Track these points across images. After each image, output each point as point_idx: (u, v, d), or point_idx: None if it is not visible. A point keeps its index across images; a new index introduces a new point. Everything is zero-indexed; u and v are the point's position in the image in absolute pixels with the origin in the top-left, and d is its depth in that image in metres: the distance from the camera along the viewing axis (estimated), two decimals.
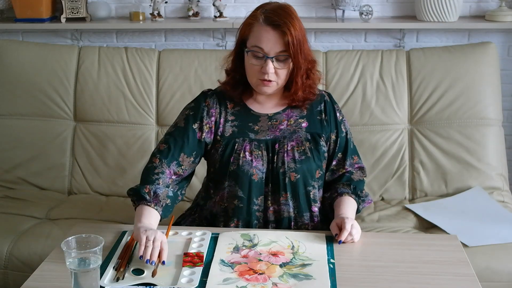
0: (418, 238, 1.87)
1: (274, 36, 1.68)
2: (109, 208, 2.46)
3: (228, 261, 1.53)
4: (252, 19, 1.73)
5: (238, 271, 1.48)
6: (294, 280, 1.44)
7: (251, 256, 1.55)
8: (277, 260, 1.54)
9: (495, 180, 2.51)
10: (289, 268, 1.50)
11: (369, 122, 2.57)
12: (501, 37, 2.91)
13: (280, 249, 1.59)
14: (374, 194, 2.53)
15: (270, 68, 1.69)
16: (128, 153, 2.62)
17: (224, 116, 1.81)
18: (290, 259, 1.54)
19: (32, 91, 2.69)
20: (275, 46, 1.69)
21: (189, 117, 1.82)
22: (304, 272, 1.48)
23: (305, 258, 1.55)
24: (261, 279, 1.45)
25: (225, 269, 1.49)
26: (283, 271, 1.49)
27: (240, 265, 1.51)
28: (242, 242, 1.62)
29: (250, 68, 1.73)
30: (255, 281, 1.44)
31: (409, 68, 2.60)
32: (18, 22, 2.89)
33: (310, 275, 1.47)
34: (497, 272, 2.03)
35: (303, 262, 1.53)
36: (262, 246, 1.60)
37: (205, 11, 2.96)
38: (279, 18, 1.68)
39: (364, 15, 2.82)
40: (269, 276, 1.46)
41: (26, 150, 2.66)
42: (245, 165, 1.75)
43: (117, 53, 2.69)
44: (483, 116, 2.54)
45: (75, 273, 1.33)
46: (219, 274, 1.47)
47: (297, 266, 1.51)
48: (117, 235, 1.68)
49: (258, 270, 1.49)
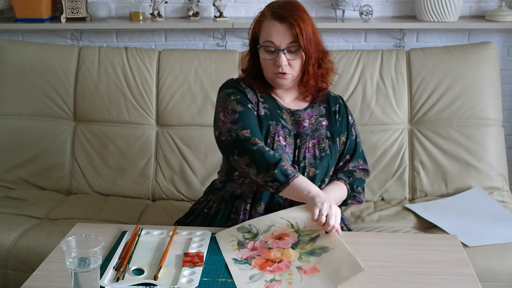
0: (418, 238, 1.87)
1: (282, 29, 1.75)
2: (109, 208, 2.46)
3: (241, 258, 1.53)
4: (261, 17, 1.81)
5: (257, 265, 1.49)
6: (314, 258, 1.45)
7: (259, 247, 1.56)
8: (286, 243, 1.54)
9: (495, 180, 2.51)
10: (302, 248, 1.51)
11: (369, 122, 2.57)
12: (501, 37, 2.91)
13: (282, 231, 1.59)
14: (374, 194, 2.54)
15: (283, 60, 1.75)
16: (128, 153, 2.62)
17: (256, 97, 1.84)
18: (297, 238, 1.55)
19: (32, 91, 2.69)
20: (285, 38, 1.75)
21: (241, 100, 1.80)
22: (318, 246, 1.49)
23: (309, 231, 1.56)
24: (284, 267, 1.45)
25: (244, 267, 1.49)
26: (298, 252, 1.50)
27: (255, 259, 1.51)
28: (242, 236, 1.62)
29: (265, 63, 1.80)
30: (279, 270, 1.45)
31: (409, 68, 2.60)
32: (18, 22, 2.89)
33: (325, 247, 1.48)
34: (497, 272, 2.03)
35: (310, 236, 1.54)
36: (263, 234, 1.60)
37: (205, 11, 2.96)
38: (286, 12, 1.76)
39: (364, 15, 2.82)
40: (289, 262, 1.47)
41: (26, 150, 2.66)
42: (279, 149, 1.77)
43: (117, 53, 2.69)
44: (483, 116, 2.54)
45: (75, 273, 1.33)
46: (242, 274, 1.47)
47: (308, 242, 1.52)
48: (117, 235, 1.68)
49: (275, 259, 1.50)
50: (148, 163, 2.61)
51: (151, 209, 2.47)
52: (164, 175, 2.60)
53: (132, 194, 2.60)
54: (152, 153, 2.62)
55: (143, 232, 1.68)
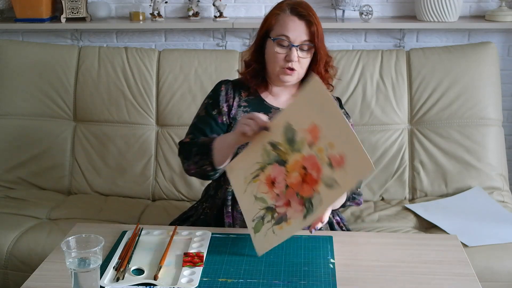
0: (418, 238, 1.87)
1: (300, 26, 1.77)
2: (109, 208, 2.46)
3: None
4: (278, 10, 1.82)
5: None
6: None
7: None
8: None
9: (495, 180, 2.51)
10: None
11: (369, 122, 2.57)
12: (501, 37, 2.91)
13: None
14: (374, 194, 2.54)
15: (294, 56, 1.76)
16: (128, 153, 2.62)
17: (237, 101, 1.87)
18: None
19: (32, 91, 2.69)
20: (301, 35, 1.77)
21: (208, 106, 1.89)
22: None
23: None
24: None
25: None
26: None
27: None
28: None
29: (274, 56, 1.79)
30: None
31: (409, 68, 2.60)
32: (18, 22, 2.89)
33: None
34: (497, 272, 2.03)
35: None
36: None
37: (205, 11, 2.96)
38: (305, 10, 1.78)
39: (364, 15, 2.82)
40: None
41: (26, 150, 2.66)
42: None
43: (117, 53, 2.69)
44: (483, 116, 2.54)
45: (75, 273, 1.33)
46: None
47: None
48: (117, 235, 1.68)
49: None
50: (148, 163, 2.61)
51: (151, 209, 2.47)
52: (164, 175, 2.60)
53: (132, 194, 2.60)
54: (152, 153, 2.62)
55: (143, 232, 1.68)
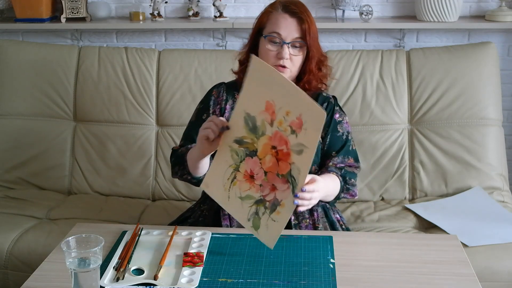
0: (418, 238, 1.87)
1: (292, 23, 1.77)
2: (109, 208, 2.46)
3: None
4: (271, 8, 1.83)
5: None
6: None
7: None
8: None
9: (495, 180, 2.51)
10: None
11: (369, 122, 2.57)
12: (501, 37, 2.91)
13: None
14: (374, 194, 2.54)
15: (286, 53, 1.76)
16: (128, 153, 2.62)
17: (230, 104, 1.88)
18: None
19: (32, 91, 2.69)
20: (292, 32, 1.77)
21: (199, 111, 1.92)
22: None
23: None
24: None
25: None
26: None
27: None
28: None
29: (266, 54, 1.79)
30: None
31: (409, 68, 2.60)
32: (18, 22, 2.89)
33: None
34: (497, 272, 2.03)
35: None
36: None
37: (205, 11, 2.96)
38: (297, 8, 1.79)
39: (364, 15, 2.82)
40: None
41: (26, 150, 2.66)
42: None
43: (117, 53, 2.69)
44: (483, 116, 2.54)
45: (75, 273, 1.33)
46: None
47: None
48: (117, 235, 1.68)
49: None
50: (148, 163, 2.61)
51: (151, 209, 2.47)
52: (164, 175, 2.60)
53: (132, 194, 2.60)
54: (152, 153, 2.62)
55: (143, 232, 1.68)
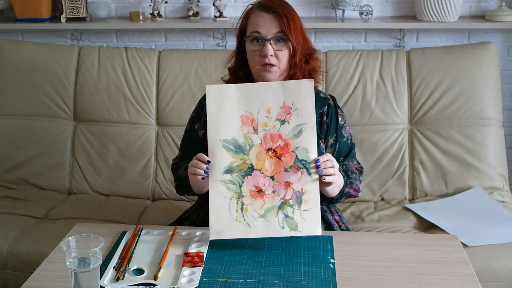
0: (418, 238, 1.87)
1: (269, 19, 1.75)
2: (109, 208, 2.46)
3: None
4: (248, 11, 1.82)
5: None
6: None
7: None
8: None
9: (495, 180, 2.51)
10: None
11: (369, 122, 2.57)
12: (501, 37, 2.91)
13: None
14: (374, 194, 2.54)
15: (269, 50, 1.73)
16: (128, 153, 2.62)
17: None
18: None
19: (32, 91, 2.69)
20: (272, 28, 1.74)
21: (192, 120, 1.91)
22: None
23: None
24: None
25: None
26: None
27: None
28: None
29: (252, 55, 1.77)
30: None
31: (409, 68, 2.60)
32: (18, 22, 2.89)
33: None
34: (497, 272, 2.03)
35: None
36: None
37: (205, 11, 2.96)
38: (273, 3, 1.77)
39: (364, 15, 2.82)
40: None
41: (26, 150, 2.66)
42: None
43: (117, 53, 2.69)
44: (483, 116, 2.54)
45: (75, 273, 1.33)
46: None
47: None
48: (117, 235, 1.68)
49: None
50: (148, 163, 2.61)
51: (151, 209, 2.47)
52: (164, 175, 2.60)
53: (132, 194, 2.60)
54: (152, 153, 2.62)
55: (143, 232, 1.69)
